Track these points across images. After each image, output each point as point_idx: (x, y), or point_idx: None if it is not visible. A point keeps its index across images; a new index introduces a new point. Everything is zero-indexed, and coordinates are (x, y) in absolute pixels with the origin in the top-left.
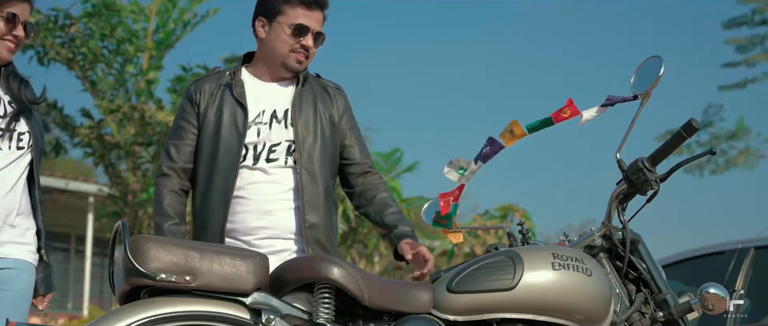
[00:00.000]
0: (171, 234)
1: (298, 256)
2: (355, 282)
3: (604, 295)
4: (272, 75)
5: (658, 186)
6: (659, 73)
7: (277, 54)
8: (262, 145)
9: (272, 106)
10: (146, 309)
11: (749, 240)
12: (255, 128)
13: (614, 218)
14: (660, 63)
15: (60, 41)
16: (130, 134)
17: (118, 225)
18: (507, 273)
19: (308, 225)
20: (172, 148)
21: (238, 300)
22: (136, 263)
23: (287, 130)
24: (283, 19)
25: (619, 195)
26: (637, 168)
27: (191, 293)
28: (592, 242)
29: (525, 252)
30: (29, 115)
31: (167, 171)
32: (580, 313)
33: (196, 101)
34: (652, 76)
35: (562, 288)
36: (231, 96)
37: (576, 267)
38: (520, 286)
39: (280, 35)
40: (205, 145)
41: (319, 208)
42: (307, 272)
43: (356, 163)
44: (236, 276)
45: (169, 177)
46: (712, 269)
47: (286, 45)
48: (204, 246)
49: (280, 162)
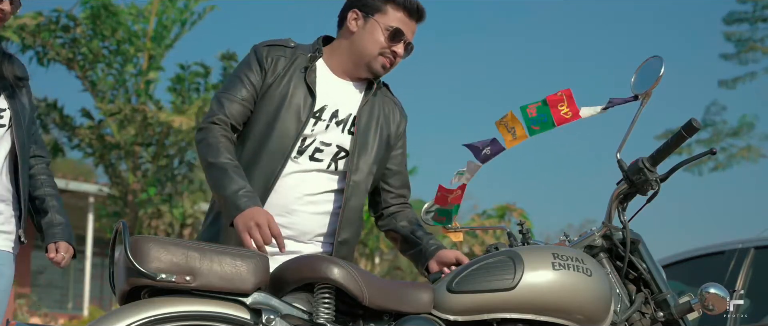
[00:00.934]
0: (233, 170)
1: (298, 256)
2: (355, 282)
3: (604, 295)
4: (349, 72)
5: (658, 186)
6: (659, 72)
7: (364, 53)
8: (312, 140)
9: (337, 104)
10: (146, 309)
11: (749, 240)
12: (312, 121)
13: (614, 218)
14: (660, 63)
15: (61, 42)
16: (130, 134)
17: (118, 225)
18: (507, 273)
19: (341, 239)
20: (226, 102)
21: (238, 300)
22: (136, 263)
23: (343, 135)
24: (382, 18)
25: (619, 195)
26: (638, 169)
27: (191, 293)
28: (592, 242)
29: (525, 252)
30: (12, 92)
31: (218, 120)
32: (580, 313)
33: (266, 68)
34: (652, 76)
35: (562, 288)
36: (302, 79)
37: (576, 267)
38: (521, 286)
39: (373, 34)
40: (260, 120)
41: (353, 224)
42: (307, 272)
43: (394, 193)
44: (236, 276)
45: (220, 126)
46: (712, 269)
47: (377, 46)
48: (204, 246)
49: (322, 164)
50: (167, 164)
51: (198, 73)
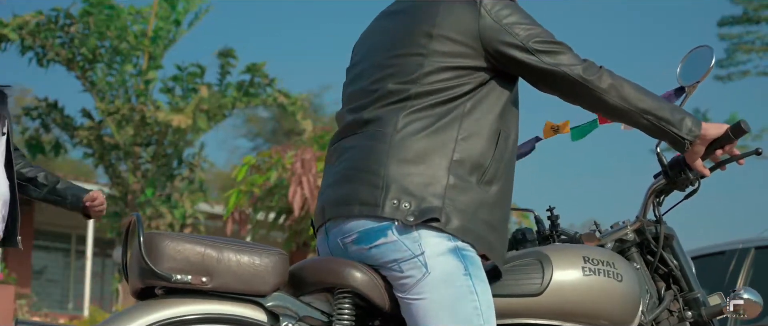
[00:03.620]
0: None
1: (317, 258)
2: (377, 288)
3: (633, 299)
4: None
5: (698, 184)
6: (710, 63)
7: None
8: None
9: None
10: (159, 310)
11: (749, 240)
12: None
13: (649, 212)
14: (711, 53)
15: (60, 41)
16: (129, 134)
17: (131, 219)
18: (534, 277)
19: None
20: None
21: (256, 301)
22: (150, 263)
23: None
24: None
25: (656, 190)
26: (678, 163)
27: (206, 292)
28: (624, 236)
29: (554, 253)
30: (3, 99)
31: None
32: (607, 318)
33: None
34: (702, 67)
35: (590, 295)
36: None
37: (607, 273)
38: (547, 292)
39: None
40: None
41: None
42: (326, 276)
43: None
44: (255, 277)
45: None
46: (712, 269)
47: None
48: (221, 244)
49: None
50: (166, 163)
51: (195, 74)
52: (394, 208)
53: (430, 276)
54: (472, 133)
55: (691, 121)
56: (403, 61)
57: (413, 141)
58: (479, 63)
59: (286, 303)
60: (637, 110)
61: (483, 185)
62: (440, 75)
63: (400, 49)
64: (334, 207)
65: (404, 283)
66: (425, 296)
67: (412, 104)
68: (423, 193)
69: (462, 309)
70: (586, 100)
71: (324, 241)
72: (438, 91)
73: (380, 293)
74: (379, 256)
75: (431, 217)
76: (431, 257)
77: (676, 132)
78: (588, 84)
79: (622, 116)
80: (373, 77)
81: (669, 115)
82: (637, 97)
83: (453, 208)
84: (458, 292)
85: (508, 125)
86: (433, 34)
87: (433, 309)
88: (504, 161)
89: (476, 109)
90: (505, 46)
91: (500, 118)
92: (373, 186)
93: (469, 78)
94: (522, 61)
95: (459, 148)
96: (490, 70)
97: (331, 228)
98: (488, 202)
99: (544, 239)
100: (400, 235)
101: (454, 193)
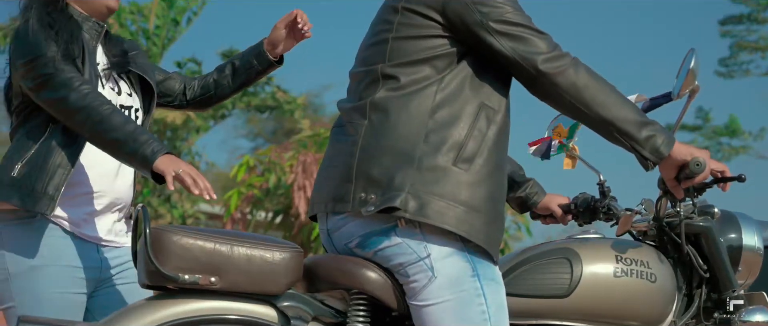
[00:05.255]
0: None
1: (331, 256)
2: (391, 291)
3: (665, 300)
4: None
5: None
6: (690, 64)
7: None
8: None
9: None
10: (167, 308)
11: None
12: None
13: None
14: (692, 54)
15: None
16: None
17: (139, 211)
18: (562, 277)
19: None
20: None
21: (268, 300)
22: (156, 263)
23: None
24: None
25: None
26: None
27: (217, 291)
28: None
29: (584, 251)
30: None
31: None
32: (636, 320)
33: None
34: (684, 70)
35: (621, 298)
36: None
37: (640, 274)
38: (575, 294)
39: None
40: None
41: None
42: (340, 278)
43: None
44: (267, 278)
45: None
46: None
47: None
48: (232, 239)
49: None
50: None
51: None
52: (361, 201)
53: (437, 282)
54: (446, 110)
55: (661, 139)
56: (375, 44)
57: (383, 128)
58: (449, 37)
59: (298, 303)
60: (598, 118)
61: (460, 163)
62: (407, 48)
63: (374, 36)
64: (317, 203)
65: (411, 288)
66: (432, 301)
67: (382, 85)
68: (389, 182)
69: (469, 313)
70: (541, 96)
71: (328, 241)
72: (406, 66)
73: (394, 296)
74: (386, 260)
75: (390, 206)
76: (437, 260)
77: (639, 150)
78: (543, 78)
79: (582, 120)
80: (355, 69)
81: (633, 131)
82: (601, 104)
83: (420, 192)
84: (465, 296)
85: (493, 100)
86: (399, 7)
87: (439, 315)
88: (488, 138)
89: (451, 85)
90: (467, 23)
91: (481, 93)
92: (346, 180)
93: (441, 52)
94: (482, 40)
95: (431, 126)
96: (463, 43)
97: (330, 229)
98: (467, 182)
99: (593, 211)
100: (403, 238)
101: (423, 176)
